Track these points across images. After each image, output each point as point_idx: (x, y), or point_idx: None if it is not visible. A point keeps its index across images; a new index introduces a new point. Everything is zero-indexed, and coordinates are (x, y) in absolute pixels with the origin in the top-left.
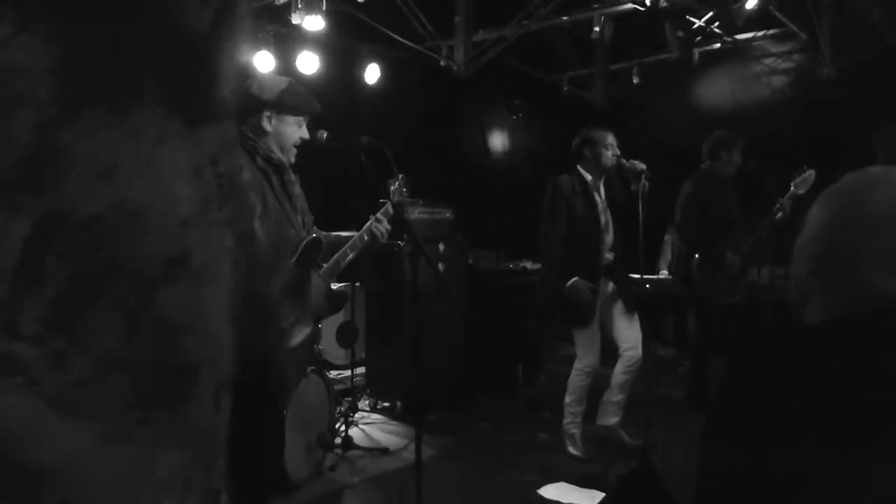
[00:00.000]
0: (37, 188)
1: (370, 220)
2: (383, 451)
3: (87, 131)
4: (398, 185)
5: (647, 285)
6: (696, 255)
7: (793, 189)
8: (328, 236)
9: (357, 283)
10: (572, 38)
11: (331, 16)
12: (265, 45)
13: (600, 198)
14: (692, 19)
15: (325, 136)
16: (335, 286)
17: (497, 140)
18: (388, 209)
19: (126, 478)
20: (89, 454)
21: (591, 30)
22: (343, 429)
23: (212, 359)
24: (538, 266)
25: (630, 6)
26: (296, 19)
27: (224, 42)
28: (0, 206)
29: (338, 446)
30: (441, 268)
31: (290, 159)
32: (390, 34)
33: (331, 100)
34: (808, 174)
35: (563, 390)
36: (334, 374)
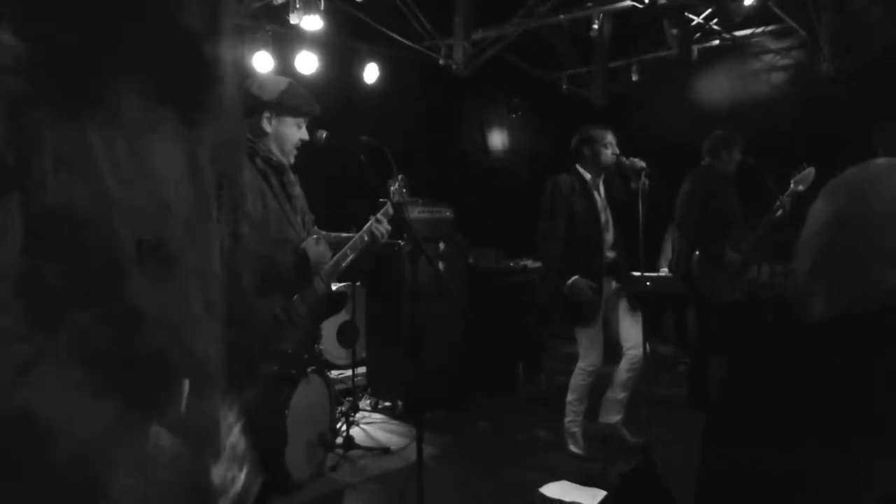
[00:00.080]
0: (15, 177)
1: (370, 221)
2: (384, 450)
3: (62, 121)
4: (398, 185)
5: (647, 283)
6: (697, 253)
7: (793, 186)
8: (328, 236)
9: (357, 283)
10: (571, 36)
11: (329, 15)
12: (264, 45)
13: (600, 196)
14: (691, 16)
15: (324, 135)
16: (335, 286)
17: (496, 139)
18: (387, 209)
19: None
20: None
21: (590, 27)
22: (344, 428)
23: (185, 347)
24: (538, 264)
25: (629, 3)
26: (294, 19)
27: (222, 40)
28: None
29: (339, 446)
30: (441, 267)
31: (290, 160)
32: (389, 33)
33: (330, 99)
34: (808, 171)
35: (564, 389)
36: (335, 373)
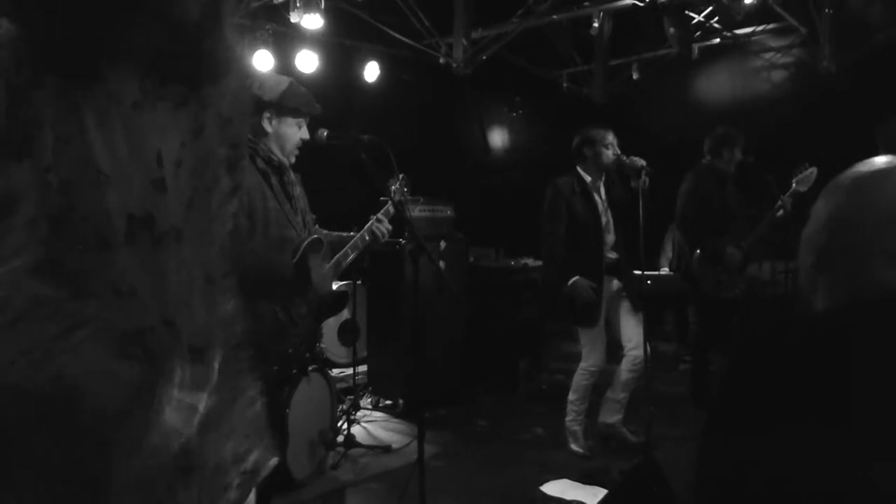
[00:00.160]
0: (14, 150)
1: (371, 220)
2: (385, 448)
3: (56, 96)
4: (399, 183)
5: (648, 281)
6: (697, 251)
7: (794, 186)
8: (329, 235)
9: (359, 282)
10: (571, 34)
11: (329, 14)
12: (264, 43)
13: (601, 198)
14: (691, 14)
15: (325, 134)
16: (336, 285)
17: (497, 137)
18: (388, 208)
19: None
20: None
21: (591, 26)
22: (345, 427)
23: (168, 321)
24: (539, 263)
25: (629, 2)
26: (294, 18)
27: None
28: None
29: (340, 444)
30: (442, 265)
31: (291, 160)
32: (389, 32)
33: (330, 98)
34: (810, 171)
35: (565, 387)
36: (336, 372)
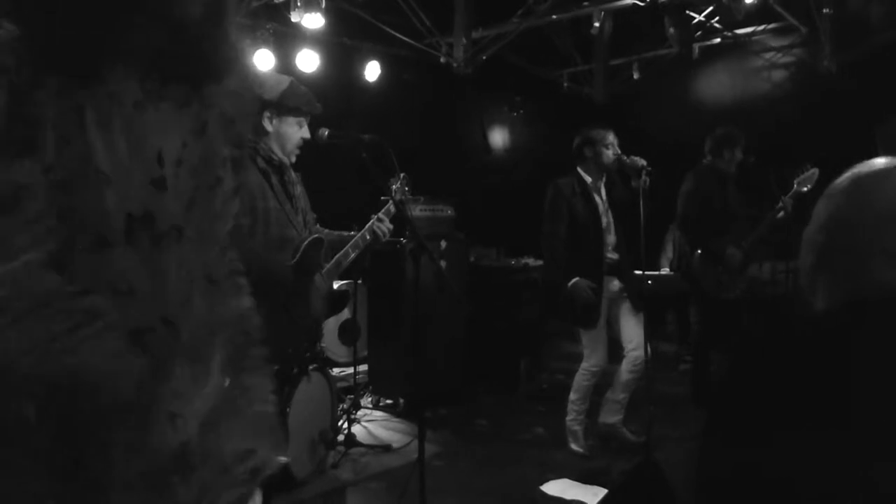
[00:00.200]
0: (16, 149)
1: (372, 220)
2: (386, 448)
3: (57, 96)
4: (400, 183)
5: (649, 282)
6: (698, 251)
7: (796, 187)
8: (330, 234)
9: (359, 281)
10: (572, 34)
11: (330, 13)
12: (264, 43)
13: (601, 199)
14: (692, 14)
15: (326, 134)
16: (337, 284)
17: (497, 137)
18: (389, 208)
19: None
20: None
21: (591, 25)
22: (345, 426)
23: (168, 320)
24: (539, 262)
25: (629, 1)
26: (295, 17)
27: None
28: None
29: (340, 443)
30: (443, 265)
31: (292, 159)
32: (390, 31)
33: (331, 98)
34: (812, 172)
35: (565, 387)
36: (336, 371)
